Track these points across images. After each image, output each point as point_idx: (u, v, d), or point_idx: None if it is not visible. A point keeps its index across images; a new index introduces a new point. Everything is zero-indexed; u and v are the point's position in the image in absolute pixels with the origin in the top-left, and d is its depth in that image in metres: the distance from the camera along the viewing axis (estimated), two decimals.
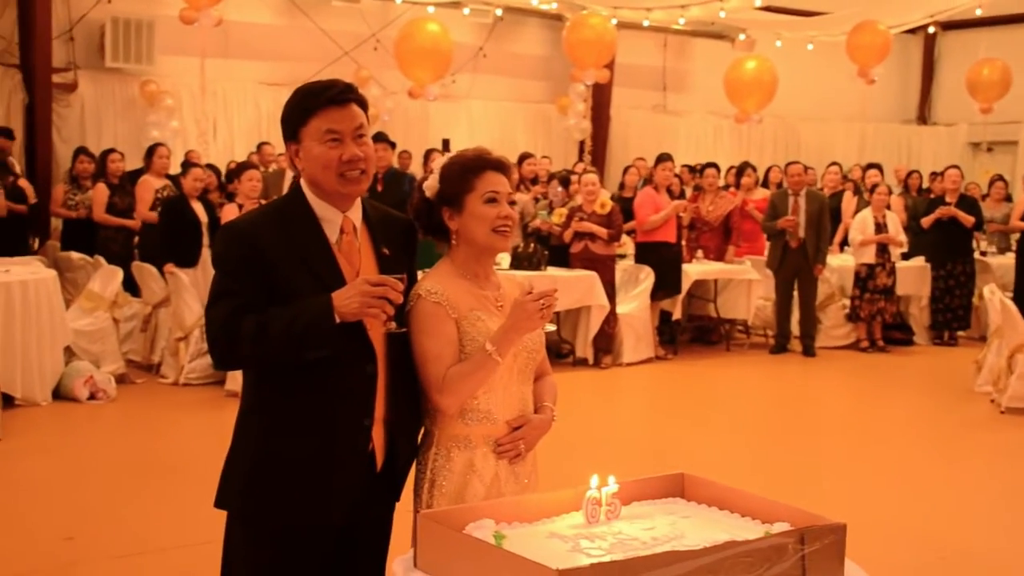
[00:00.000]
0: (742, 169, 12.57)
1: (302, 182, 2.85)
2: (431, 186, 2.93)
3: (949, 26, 20.12)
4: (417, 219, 2.97)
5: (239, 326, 2.64)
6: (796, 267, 11.10)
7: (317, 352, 2.65)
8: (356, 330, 2.69)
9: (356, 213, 2.85)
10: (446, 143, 13.86)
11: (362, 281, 2.63)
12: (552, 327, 2.94)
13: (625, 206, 10.92)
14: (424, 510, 2.64)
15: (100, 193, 10.53)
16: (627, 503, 2.63)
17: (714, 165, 12.02)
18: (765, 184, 13.36)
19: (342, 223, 2.80)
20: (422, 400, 2.87)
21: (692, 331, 11.88)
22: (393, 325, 2.70)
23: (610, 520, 2.53)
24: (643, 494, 2.72)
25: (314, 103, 2.74)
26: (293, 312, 2.63)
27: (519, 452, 2.86)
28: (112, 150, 11.03)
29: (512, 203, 2.92)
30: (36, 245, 10.77)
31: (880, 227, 11.39)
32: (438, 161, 2.98)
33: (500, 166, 2.92)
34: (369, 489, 2.80)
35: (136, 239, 10.45)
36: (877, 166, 13.99)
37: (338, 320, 2.62)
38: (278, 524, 2.75)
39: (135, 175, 10.88)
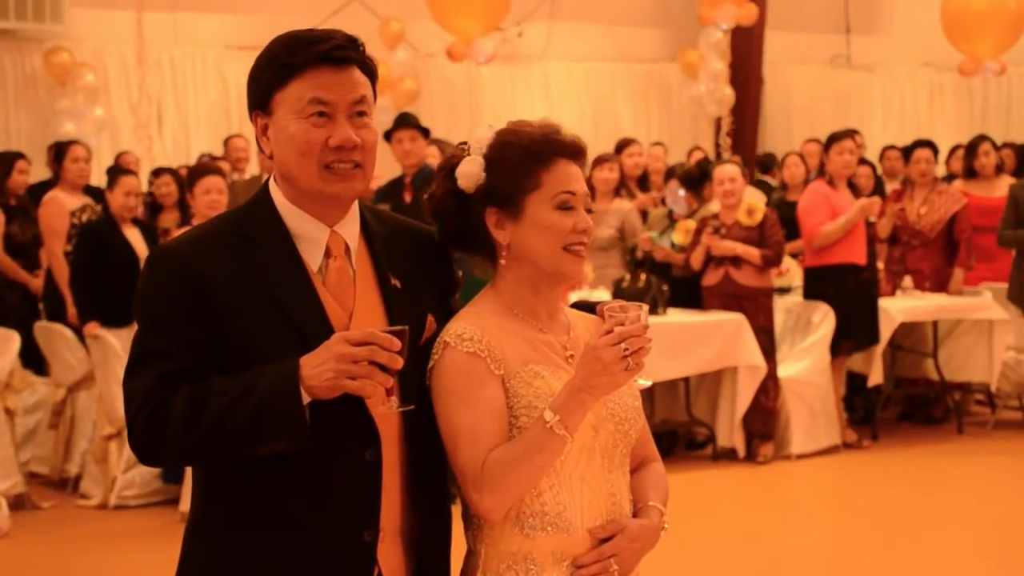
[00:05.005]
0: (973, 147, 12.42)
1: (271, 182, 2.95)
2: (470, 174, 2.96)
3: None
4: (440, 220, 3.02)
5: (167, 403, 2.71)
6: None
7: (274, 445, 2.70)
8: (347, 401, 2.74)
9: (350, 226, 2.93)
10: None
11: (340, 340, 2.66)
12: (647, 382, 2.93)
13: (786, 213, 10.89)
14: None
15: None
16: None
17: (929, 144, 11.91)
18: (1022, 171, 13.17)
19: (328, 242, 2.89)
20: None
21: (902, 403, 11.75)
22: (395, 402, 2.74)
23: None
24: None
25: (298, 58, 2.82)
26: (242, 384, 2.70)
27: None
28: (18, 155, 11.28)
29: (587, 209, 2.96)
30: None
31: None
32: (480, 133, 3.01)
33: (577, 152, 2.98)
34: None
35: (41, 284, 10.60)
36: None
37: (307, 398, 2.66)
38: None
39: (39, 189, 11.06)
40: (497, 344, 2.87)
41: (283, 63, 2.83)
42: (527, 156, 2.92)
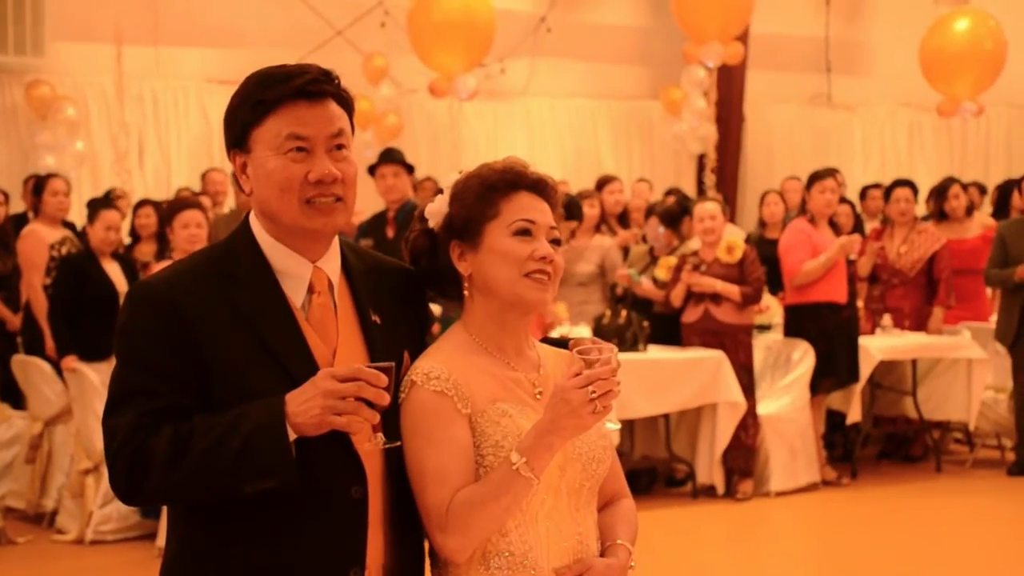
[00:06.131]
0: (943, 190, 12.46)
1: (251, 217, 2.95)
2: (436, 212, 3.01)
3: None
4: (416, 263, 3.05)
5: (150, 442, 2.70)
6: None
7: (260, 483, 2.70)
8: (332, 438, 2.75)
9: (332, 262, 2.94)
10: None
11: (326, 376, 2.67)
12: (616, 425, 2.95)
13: (767, 251, 10.94)
14: None
15: None
16: None
17: (908, 183, 11.96)
18: (1003, 210, 13.15)
19: (311, 278, 2.89)
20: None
21: (881, 441, 11.77)
22: (380, 439, 2.74)
23: None
24: None
25: (273, 94, 2.83)
26: (227, 423, 2.69)
27: None
28: None
29: (556, 241, 2.98)
30: None
31: None
32: (452, 177, 3.06)
33: (539, 186, 3.01)
34: None
35: (20, 322, 10.60)
36: None
37: (294, 436, 2.67)
38: None
39: (18, 222, 11.06)
40: (464, 382, 2.88)
41: (258, 100, 2.84)
42: (486, 187, 2.96)
